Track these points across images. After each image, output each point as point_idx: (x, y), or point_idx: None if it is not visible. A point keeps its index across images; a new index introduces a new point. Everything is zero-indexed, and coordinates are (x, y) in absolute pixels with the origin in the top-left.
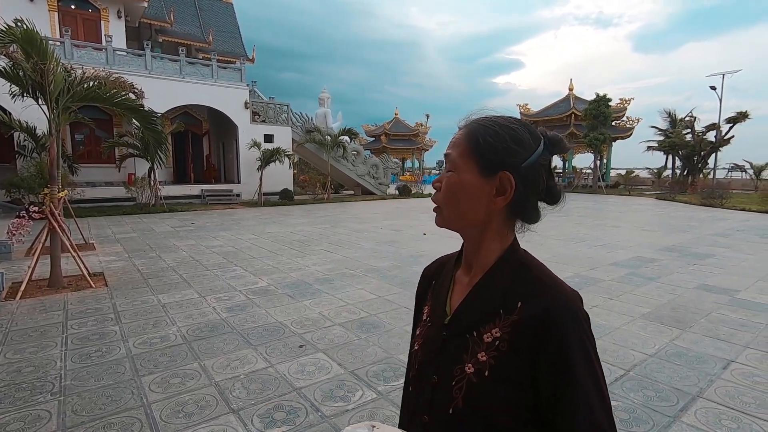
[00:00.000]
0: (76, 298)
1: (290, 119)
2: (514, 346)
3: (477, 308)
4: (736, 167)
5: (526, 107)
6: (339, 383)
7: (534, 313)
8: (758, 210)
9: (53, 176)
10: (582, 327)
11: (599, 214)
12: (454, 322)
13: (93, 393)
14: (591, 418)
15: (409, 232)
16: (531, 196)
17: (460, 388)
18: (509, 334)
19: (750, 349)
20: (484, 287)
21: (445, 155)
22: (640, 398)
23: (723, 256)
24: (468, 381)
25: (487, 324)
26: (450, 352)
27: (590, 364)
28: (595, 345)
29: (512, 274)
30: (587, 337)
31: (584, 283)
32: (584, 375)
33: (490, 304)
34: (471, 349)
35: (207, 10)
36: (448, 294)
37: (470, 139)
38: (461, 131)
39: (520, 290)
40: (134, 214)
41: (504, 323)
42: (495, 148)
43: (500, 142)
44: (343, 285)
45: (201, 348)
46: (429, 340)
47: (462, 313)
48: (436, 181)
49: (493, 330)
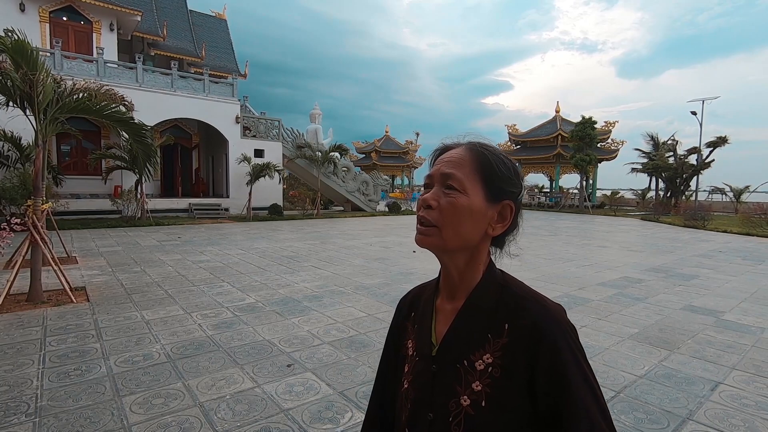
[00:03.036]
0: (55, 314)
1: (281, 134)
2: (508, 369)
3: (465, 334)
4: (717, 190)
5: (514, 128)
6: (328, 404)
7: (522, 332)
8: (739, 232)
9: (37, 188)
10: (571, 337)
11: (586, 234)
12: (442, 352)
13: (71, 414)
14: (592, 425)
15: (398, 249)
16: (514, 226)
17: (459, 423)
18: (501, 359)
19: (737, 371)
20: (470, 311)
21: (442, 173)
22: (631, 420)
23: (707, 277)
24: (466, 414)
25: (477, 350)
26: (442, 385)
27: (584, 373)
28: (585, 354)
29: (494, 295)
30: (577, 348)
31: (573, 302)
32: (579, 384)
33: (477, 329)
34: (464, 380)
35: (200, 25)
36: (432, 324)
37: (480, 163)
38: (463, 152)
39: (504, 311)
40: (119, 227)
41: (494, 347)
42: (504, 177)
43: (507, 172)
44: (332, 302)
45: (185, 367)
46: (418, 375)
47: (450, 341)
48: (432, 198)
49: (485, 356)
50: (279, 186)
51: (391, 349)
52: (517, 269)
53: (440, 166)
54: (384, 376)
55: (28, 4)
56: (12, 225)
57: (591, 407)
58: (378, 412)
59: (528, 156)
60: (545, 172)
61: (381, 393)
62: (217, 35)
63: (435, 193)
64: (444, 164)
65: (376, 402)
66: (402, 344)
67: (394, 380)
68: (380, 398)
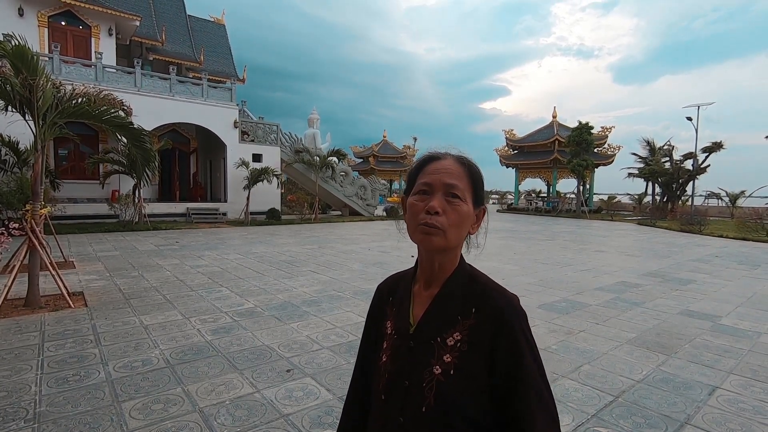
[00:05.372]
0: (53, 319)
1: (279, 139)
2: (473, 345)
3: (439, 316)
4: (713, 195)
5: (511, 132)
6: (327, 409)
7: (487, 316)
8: (735, 237)
9: (36, 192)
10: (525, 323)
11: (583, 238)
12: (419, 330)
13: (70, 420)
14: (539, 393)
15: (396, 254)
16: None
17: (431, 388)
18: (468, 336)
19: (734, 375)
20: (443, 298)
21: (446, 183)
22: (630, 425)
23: (704, 282)
24: (437, 381)
25: (448, 330)
26: (418, 357)
27: (533, 352)
28: (533, 336)
29: (464, 285)
30: (529, 331)
31: (571, 307)
32: (530, 361)
33: (449, 312)
34: (437, 353)
35: (198, 30)
36: (410, 307)
37: (471, 176)
38: (458, 166)
39: (472, 298)
40: (117, 232)
41: (463, 327)
42: (482, 185)
43: (482, 181)
44: (331, 307)
45: (185, 372)
46: (396, 350)
47: (426, 322)
48: (439, 206)
49: (455, 334)
50: (277, 190)
51: (371, 329)
52: (515, 274)
53: (441, 176)
54: (365, 350)
55: (26, 9)
56: (10, 230)
57: (537, 379)
58: (361, 380)
59: (525, 161)
60: (542, 176)
61: (363, 363)
62: (216, 40)
63: (440, 201)
64: (445, 175)
65: (360, 371)
66: (381, 324)
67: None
68: (363, 367)
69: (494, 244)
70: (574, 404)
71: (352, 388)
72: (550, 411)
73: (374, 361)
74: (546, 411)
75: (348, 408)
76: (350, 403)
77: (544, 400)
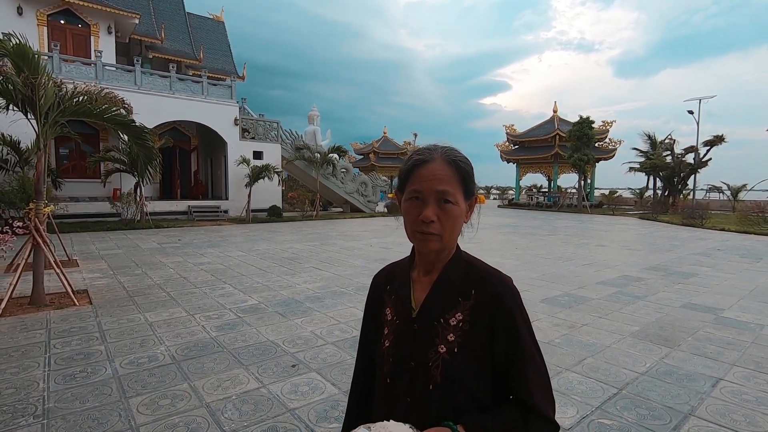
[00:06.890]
0: (59, 317)
1: (280, 136)
2: (475, 324)
3: (440, 299)
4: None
5: (512, 128)
6: (333, 403)
7: (487, 296)
8: (736, 230)
9: (39, 191)
10: (519, 300)
11: (585, 233)
12: (422, 313)
13: (78, 415)
14: (537, 368)
15: (398, 250)
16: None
17: (437, 366)
18: (470, 316)
19: (737, 367)
20: (443, 282)
21: (437, 190)
22: (634, 417)
23: (706, 275)
24: (442, 359)
25: (450, 311)
26: (422, 339)
27: (530, 329)
28: (528, 315)
29: (461, 270)
30: (523, 308)
31: (574, 301)
32: (527, 338)
33: (450, 295)
34: (441, 333)
35: (198, 27)
36: (411, 293)
37: (459, 173)
38: (446, 167)
39: (471, 281)
40: (119, 230)
41: (464, 308)
42: (472, 178)
43: (473, 173)
44: (334, 303)
45: (190, 368)
46: (400, 334)
47: (429, 305)
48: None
49: (456, 315)
50: (278, 188)
51: (370, 319)
52: (517, 269)
53: (431, 183)
54: (367, 336)
55: (25, 8)
56: (14, 228)
57: (535, 355)
58: (364, 370)
59: (526, 156)
60: (543, 172)
61: (364, 352)
62: (215, 38)
63: (434, 209)
64: (436, 182)
65: (362, 361)
66: (380, 312)
67: (373, 343)
68: (364, 357)
69: (496, 239)
70: (578, 397)
71: (355, 379)
72: (545, 382)
73: (376, 348)
74: (542, 382)
75: (353, 398)
76: (355, 393)
77: (540, 371)
